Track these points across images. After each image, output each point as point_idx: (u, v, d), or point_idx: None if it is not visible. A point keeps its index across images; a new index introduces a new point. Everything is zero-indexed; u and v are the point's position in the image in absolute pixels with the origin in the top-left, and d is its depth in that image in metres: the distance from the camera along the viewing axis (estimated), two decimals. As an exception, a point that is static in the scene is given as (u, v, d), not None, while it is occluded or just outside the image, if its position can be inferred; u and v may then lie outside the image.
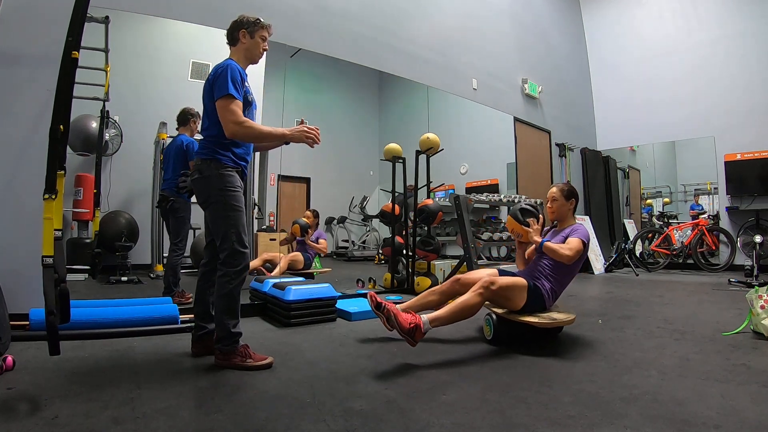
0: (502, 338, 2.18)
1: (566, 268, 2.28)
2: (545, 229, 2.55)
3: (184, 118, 3.20)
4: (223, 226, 1.83)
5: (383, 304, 1.98)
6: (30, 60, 2.40)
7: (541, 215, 2.43)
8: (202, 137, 1.95)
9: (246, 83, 1.91)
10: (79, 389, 1.49)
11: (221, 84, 1.78)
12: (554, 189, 2.43)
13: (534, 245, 2.30)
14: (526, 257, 2.48)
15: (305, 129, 1.93)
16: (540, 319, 2.09)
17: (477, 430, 1.24)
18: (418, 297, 2.37)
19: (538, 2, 6.48)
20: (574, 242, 2.21)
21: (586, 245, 2.24)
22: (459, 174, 6.34)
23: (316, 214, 4.46)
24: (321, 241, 4.32)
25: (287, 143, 2.12)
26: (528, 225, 2.37)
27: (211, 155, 1.85)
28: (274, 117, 3.85)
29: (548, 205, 2.46)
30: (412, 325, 1.89)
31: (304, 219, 4.27)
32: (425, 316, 1.96)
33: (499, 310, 2.21)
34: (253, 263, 3.87)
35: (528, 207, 2.45)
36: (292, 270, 4.03)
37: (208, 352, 1.90)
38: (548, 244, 2.21)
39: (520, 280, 2.17)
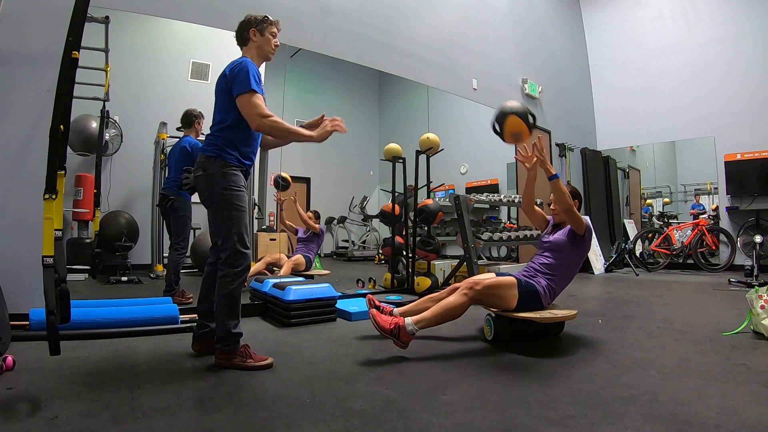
0: (502, 338, 2.18)
1: (567, 266, 2.26)
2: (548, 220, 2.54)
3: (188, 119, 3.19)
4: (225, 226, 1.83)
5: (379, 307, 2.01)
6: (30, 60, 2.40)
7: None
8: (209, 132, 1.92)
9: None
10: (79, 389, 1.50)
11: (242, 80, 1.77)
12: None
13: (546, 173, 2.21)
14: (536, 213, 2.51)
15: (328, 123, 1.92)
16: (540, 315, 2.08)
17: (477, 430, 1.24)
18: (417, 302, 2.36)
19: (539, 2, 6.48)
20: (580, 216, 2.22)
21: (590, 229, 2.24)
22: (459, 174, 6.34)
23: (317, 215, 4.47)
24: (316, 225, 4.35)
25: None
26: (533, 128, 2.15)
27: (216, 153, 1.83)
28: (274, 117, 3.85)
29: (551, 206, 2.45)
30: (392, 326, 1.93)
31: (283, 173, 4.24)
32: (409, 318, 1.97)
33: (499, 311, 2.20)
34: (257, 266, 3.87)
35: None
36: (295, 272, 4.04)
37: (209, 351, 1.90)
38: (559, 182, 2.16)
39: (508, 279, 2.15)
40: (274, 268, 4.07)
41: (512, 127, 2.11)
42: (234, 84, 1.79)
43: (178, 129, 3.32)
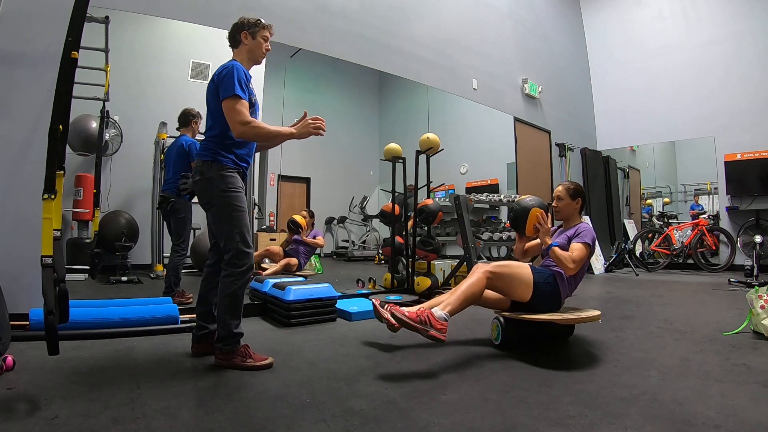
0: (510, 342, 2.10)
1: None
2: (551, 228, 2.51)
3: (185, 119, 3.20)
4: (227, 227, 1.84)
5: (384, 315, 1.88)
6: (30, 60, 2.40)
7: (549, 215, 2.35)
8: (203, 137, 1.95)
9: (250, 84, 1.91)
10: (79, 389, 1.50)
11: (227, 84, 1.78)
12: (560, 188, 2.40)
13: (542, 244, 2.23)
14: (525, 249, 2.45)
15: (309, 122, 1.93)
16: (562, 317, 1.97)
17: (477, 430, 1.23)
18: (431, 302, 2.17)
19: (539, 2, 6.48)
20: (578, 249, 2.12)
21: (591, 248, 2.16)
22: (459, 174, 6.33)
23: (312, 214, 4.47)
24: (318, 238, 4.35)
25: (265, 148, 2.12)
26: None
27: (212, 156, 1.84)
28: (274, 117, 3.85)
29: (554, 204, 2.42)
30: (421, 312, 1.79)
31: (296, 216, 4.29)
32: (435, 308, 1.86)
33: (509, 314, 2.11)
34: (255, 255, 3.89)
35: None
36: (286, 272, 4.05)
37: (209, 352, 1.90)
38: (556, 249, 2.13)
39: (522, 263, 2.12)
40: (267, 260, 4.08)
41: (534, 219, 2.28)
42: (220, 87, 1.80)
43: (177, 129, 3.32)
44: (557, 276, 2.13)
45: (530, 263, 2.27)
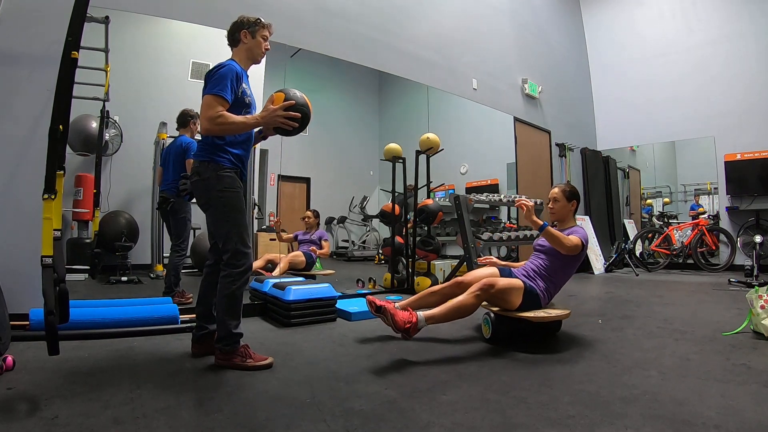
0: (500, 337, 2.19)
1: (562, 269, 2.28)
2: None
3: (184, 119, 3.20)
4: (224, 228, 1.83)
5: (382, 306, 2.02)
6: (30, 60, 2.40)
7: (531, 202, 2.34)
8: (200, 138, 1.94)
9: (244, 84, 1.88)
10: (79, 389, 1.49)
11: (210, 82, 1.78)
12: (556, 189, 2.42)
13: (533, 227, 2.25)
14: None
15: (277, 113, 1.79)
16: (535, 315, 2.12)
17: (477, 430, 1.23)
18: (418, 296, 2.38)
19: (538, 2, 6.48)
20: (573, 238, 2.21)
21: (584, 246, 2.23)
22: (459, 174, 6.34)
23: (316, 214, 4.46)
24: (324, 243, 4.33)
25: (265, 138, 2.09)
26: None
27: (208, 157, 1.83)
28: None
29: (549, 205, 2.44)
30: (407, 326, 1.96)
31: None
32: (421, 313, 2.01)
33: (497, 309, 2.22)
34: (256, 264, 3.88)
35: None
36: (293, 270, 4.02)
37: (209, 352, 1.90)
38: (551, 229, 2.18)
39: (518, 282, 2.18)
40: (272, 267, 4.06)
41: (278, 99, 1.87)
42: (208, 83, 1.79)
43: (177, 129, 3.32)
44: (541, 297, 2.22)
45: (523, 271, 2.29)
